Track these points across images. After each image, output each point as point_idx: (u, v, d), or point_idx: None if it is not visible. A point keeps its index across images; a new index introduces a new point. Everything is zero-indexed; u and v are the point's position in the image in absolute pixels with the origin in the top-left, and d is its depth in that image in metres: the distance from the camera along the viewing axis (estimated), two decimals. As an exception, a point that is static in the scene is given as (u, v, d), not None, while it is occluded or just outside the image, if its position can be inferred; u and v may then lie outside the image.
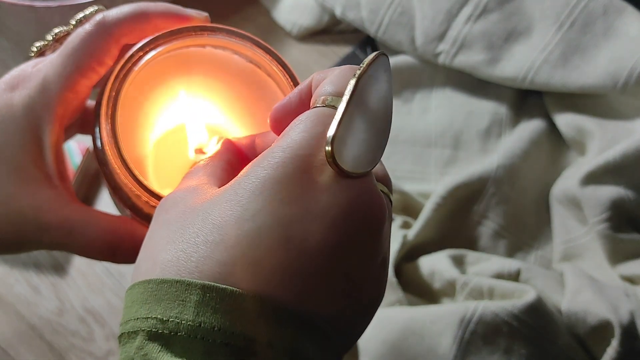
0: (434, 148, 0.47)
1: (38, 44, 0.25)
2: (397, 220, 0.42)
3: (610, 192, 0.40)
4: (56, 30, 0.24)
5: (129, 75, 0.23)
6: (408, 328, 0.35)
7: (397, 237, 0.40)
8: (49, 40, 0.25)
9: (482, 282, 0.37)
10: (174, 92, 0.25)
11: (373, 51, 0.54)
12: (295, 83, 0.24)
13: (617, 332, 0.33)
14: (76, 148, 0.48)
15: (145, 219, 0.23)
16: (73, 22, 0.24)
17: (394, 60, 0.49)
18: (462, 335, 0.34)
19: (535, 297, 0.35)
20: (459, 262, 0.40)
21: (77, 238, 0.23)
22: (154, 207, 0.21)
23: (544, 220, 0.44)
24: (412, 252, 0.41)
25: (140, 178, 0.22)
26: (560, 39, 0.44)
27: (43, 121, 0.23)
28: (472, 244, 0.42)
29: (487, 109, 0.47)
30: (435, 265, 0.39)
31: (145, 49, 0.23)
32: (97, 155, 0.23)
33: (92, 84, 0.24)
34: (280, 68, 0.24)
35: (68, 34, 0.24)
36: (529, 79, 0.44)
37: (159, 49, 0.23)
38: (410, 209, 0.44)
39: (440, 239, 0.42)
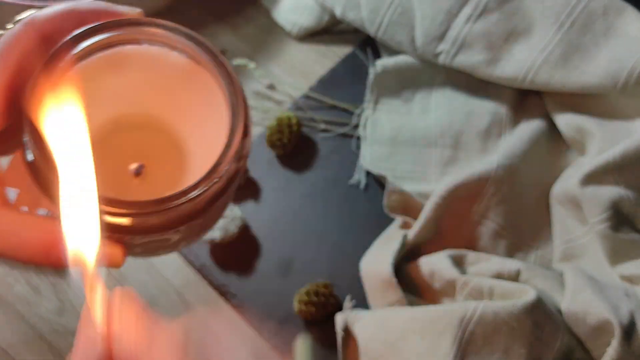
0: (434, 148, 0.47)
1: None
2: (397, 220, 0.43)
3: (610, 192, 0.40)
4: None
5: (54, 74, 0.22)
6: (408, 328, 0.35)
7: (397, 237, 0.40)
8: None
9: (482, 282, 0.37)
10: (110, 94, 0.24)
11: (373, 52, 0.54)
12: (228, 75, 0.23)
13: (617, 332, 0.33)
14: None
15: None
16: (10, 26, 0.24)
17: (394, 60, 0.49)
18: (462, 335, 0.34)
19: (535, 297, 0.35)
20: (458, 262, 0.40)
21: (10, 241, 0.22)
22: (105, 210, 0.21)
23: (544, 220, 0.44)
24: (412, 252, 0.41)
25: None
26: (560, 39, 0.44)
27: None
28: (472, 244, 0.42)
29: (487, 109, 0.47)
30: (435, 265, 0.39)
31: (69, 45, 0.22)
32: (24, 160, 0.22)
33: (23, 85, 0.23)
34: (212, 60, 0.23)
35: None
36: (529, 79, 0.45)
37: (84, 44, 0.22)
38: (410, 209, 0.44)
39: (440, 239, 0.42)
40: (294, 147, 0.47)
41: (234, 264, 0.43)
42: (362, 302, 0.40)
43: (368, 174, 0.46)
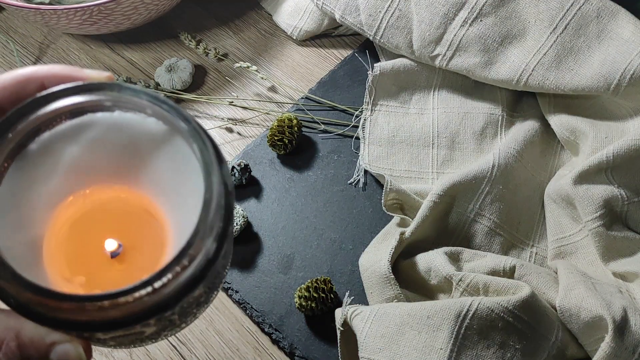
0: (431, 148, 0.47)
1: None
2: (395, 218, 0.43)
3: (603, 190, 0.40)
4: None
5: (1, 147, 0.19)
6: (405, 323, 0.35)
7: (395, 234, 0.41)
8: None
9: (477, 278, 0.38)
10: (80, 167, 0.22)
11: (372, 55, 0.54)
12: (202, 140, 0.20)
13: (610, 327, 0.33)
14: None
15: (36, 319, 0.19)
16: None
17: (392, 62, 0.50)
18: (458, 330, 0.34)
19: (530, 292, 0.35)
20: (454, 259, 0.40)
21: None
22: (45, 306, 0.18)
23: (538, 219, 0.45)
24: (409, 249, 0.41)
25: (17, 272, 0.18)
26: (554, 42, 0.44)
27: None
28: (467, 242, 0.43)
29: (482, 110, 0.48)
30: (432, 262, 0.39)
31: (18, 115, 0.19)
32: None
33: None
34: (185, 124, 0.20)
35: None
36: (524, 81, 0.45)
37: (39, 112, 0.19)
38: (408, 207, 0.44)
39: (437, 236, 0.43)
40: (295, 147, 0.47)
41: (236, 261, 0.43)
42: (360, 298, 0.41)
43: (366, 173, 0.47)
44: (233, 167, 0.46)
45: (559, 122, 0.45)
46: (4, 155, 0.20)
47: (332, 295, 0.40)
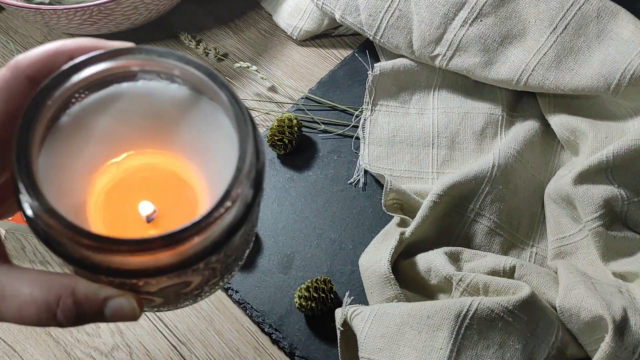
0: (431, 148, 0.47)
1: None
2: (395, 218, 0.43)
3: (603, 190, 0.40)
4: None
5: (41, 114, 0.20)
6: (405, 323, 0.35)
7: (395, 234, 0.41)
8: None
9: (477, 278, 0.38)
10: (111, 137, 0.22)
11: (372, 55, 0.55)
12: (232, 97, 0.21)
13: (610, 327, 0.34)
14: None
15: (91, 269, 0.19)
16: None
17: (392, 62, 0.50)
18: (458, 330, 0.34)
19: (529, 292, 0.35)
20: (455, 259, 0.40)
21: (9, 304, 0.20)
22: (102, 252, 0.19)
23: (539, 219, 0.45)
24: (409, 249, 0.41)
25: (75, 223, 0.18)
26: (554, 42, 0.44)
27: None
28: (467, 242, 0.43)
29: (482, 110, 0.48)
30: (432, 262, 0.39)
31: (53, 84, 0.20)
32: (14, 191, 0.20)
33: (8, 126, 0.21)
34: (214, 83, 0.21)
35: None
36: (524, 81, 0.45)
37: (75, 78, 0.20)
38: (408, 207, 0.44)
39: (437, 236, 0.43)
40: (295, 147, 0.47)
41: (235, 261, 0.44)
42: (360, 298, 0.41)
43: (366, 173, 0.47)
44: None
45: (559, 122, 0.45)
46: (44, 125, 0.20)
47: (332, 295, 0.40)
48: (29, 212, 0.19)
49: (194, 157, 0.23)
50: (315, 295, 0.40)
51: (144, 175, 0.23)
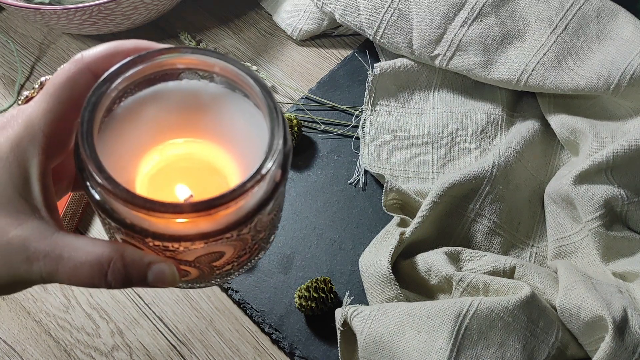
0: (431, 148, 0.47)
1: (25, 92, 0.25)
2: (395, 218, 0.43)
3: (603, 190, 0.40)
4: (42, 79, 0.24)
5: (102, 101, 0.23)
6: (405, 323, 0.35)
7: (395, 234, 0.41)
8: (35, 88, 0.26)
9: (477, 278, 0.38)
10: (156, 128, 0.26)
11: (372, 55, 0.55)
12: (268, 96, 0.24)
13: (610, 327, 0.34)
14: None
15: (140, 232, 0.22)
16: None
17: (392, 62, 0.50)
18: (457, 330, 0.34)
19: (529, 292, 0.35)
20: (454, 259, 0.40)
21: (66, 264, 0.23)
22: (151, 215, 0.21)
23: (538, 219, 0.45)
24: (409, 249, 0.42)
25: (127, 188, 0.21)
26: (554, 42, 0.44)
27: (29, 154, 0.23)
28: (467, 242, 0.43)
29: (482, 110, 0.48)
30: (432, 262, 0.39)
31: (114, 75, 0.23)
32: (77, 170, 0.23)
33: (76, 117, 0.24)
34: (250, 82, 0.24)
35: None
36: (524, 81, 0.45)
37: (130, 72, 0.24)
38: (408, 207, 0.44)
39: (437, 236, 0.43)
40: (295, 147, 0.47)
41: (235, 261, 0.44)
42: (360, 298, 0.41)
43: (366, 173, 0.47)
44: None
45: (559, 122, 0.45)
46: (102, 111, 0.23)
47: (332, 295, 0.40)
48: (91, 181, 0.22)
49: (227, 146, 0.26)
50: (315, 295, 0.40)
51: (182, 163, 0.26)
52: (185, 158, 0.26)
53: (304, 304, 0.40)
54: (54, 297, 0.44)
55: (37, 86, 0.27)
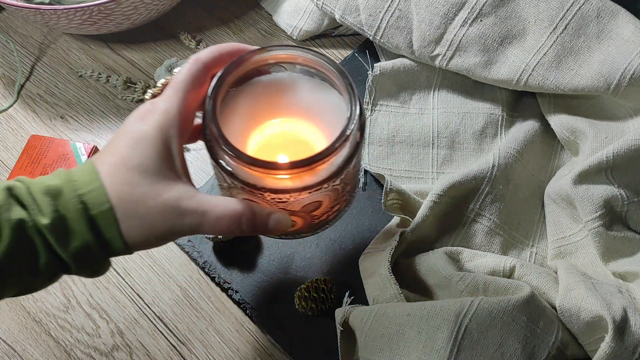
0: (431, 148, 0.47)
1: (150, 91, 0.35)
2: (395, 218, 0.43)
3: (603, 190, 0.40)
4: (162, 80, 0.34)
5: (221, 90, 0.30)
6: (405, 323, 0.35)
7: (395, 234, 0.41)
8: (159, 87, 0.34)
9: (477, 278, 0.38)
10: (258, 110, 0.33)
11: (372, 55, 0.55)
12: (344, 77, 0.31)
13: (610, 327, 0.34)
14: (82, 148, 0.49)
15: (260, 189, 0.29)
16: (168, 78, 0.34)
17: (392, 62, 0.50)
18: (457, 329, 0.34)
19: (529, 293, 0.35)
20: (454, 259, 0.40)
21: (209, 217, 0.29)
22: (269, 174, 0.28)
23: (538, 219, 0.45)
24: (409, 249, 0.42)
25: (253, 156, 0.28)
26: (554, 42, 0.44)
27: (171, 136, 0.30)
28: (467, 242, 0.43)
29: (482, 110, 0.48)
30: (432, 262, 0.39)
31: (230, 69, 0.31)
32: (208, 148, 0.30)
33: (197, 104, 0.31)
34: (329, 67, 0.31)
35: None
36: (524, 81, 0.45)
37: (240, 68, 0.31)
38: (408, 207, 0.44)
39: (437, 236, 0.43)
40: (295, 147, 0.48)
41: (236, 261, 0.44)
42: (360, 298, 0.41)
43: (366, 173, 0.47)
44: None
45: (559, 122, 0.45)
46: (225, 88, 0.31)
47: (332, 295, 0.40)
48: (220, 152, 0.29)
49: (313, 120, 0.33)
50: (315, 295, 0.40)
51: (279, 137, 0.33)
52: (280, 132, 0.33)
53: (303, 304, 0.40)
54: (54, 297, 0.44)
55: (159, 85, 0.35)
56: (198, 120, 0.32)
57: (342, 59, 0.54)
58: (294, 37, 0.55)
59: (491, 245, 0.43)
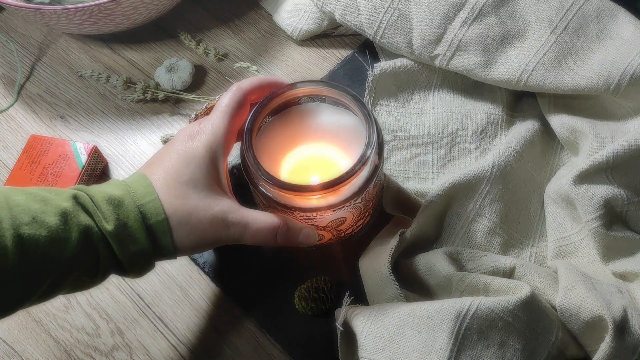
0: (431, 148, 0.47)
1: (195, 113, 0.39)
2: (395, 219, 0.43)
3: (603, 190, 0.40)
4: (205, 105, 0.38)
5: (259, 117, 0.35)
6: (405, 323, 0.35)
7: (395, 234, 0.41)
8: (203, 110, 0.40)
9: (477, 278, 0.38)
10: (290, 136, 0.38)
11: (372, 55, 0.55)
12: (363, 106, 0.35)
13: (610, 327, 0.34)
14: (82, 148, 0.49)
15: (291, 208, 0.34)
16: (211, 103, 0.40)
17: (392, 62, 0.50)
18: (458, 330, 0.34)
19: (529, 292, 0.35)
20: (454, 259, 0.40)
21: (250, 230, 0.33)
22: (299, 196, 0.33)
23: (538, 218, 0.45)
24: (409, 249, 0.42)
25: (282, 180, 0.33)
26: (554, 42, 0.44)
27: (218, 155, 0.34)
28: (467, 242, 0.43)
29: (482, 110, 0.48)
30: (432, 262, 0.39)
31: (265, 103, 0.36)
32: (246, 173, 0.35)
33: (239, 127, 0.36)
34: (350, 98, 0.35)
35: (212, 106, 0.37)
36: (524, 81, 0.45)
37: (276, 99, 0.36)
38: (408, 207, 0.44)
39: (437, 236, 0.43)
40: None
41: (236, 261, 0.44)
42: (360, 298, 0.41)
43: (367, 173, 0.47)
44: (234, 167, 0.46)
45: (559, 122, 0.45)
46: (260, 120, 0.36)
47: (332, 295, 0.40)
48: (257, 178, 0.34)
49: (339, 144, 0.37)
50: (315, 295, 0.40)
51: (310, 160, 0.37)
52: (311, 155, 0.37)
53: (303, 304, 0.40)
54: (55, 297, 0.44)
55: (203, 108, 0.40)
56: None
57: (342, 59, 0.54)
58: (294, 37, 0.55)
59: (491, 245, 0.43)
